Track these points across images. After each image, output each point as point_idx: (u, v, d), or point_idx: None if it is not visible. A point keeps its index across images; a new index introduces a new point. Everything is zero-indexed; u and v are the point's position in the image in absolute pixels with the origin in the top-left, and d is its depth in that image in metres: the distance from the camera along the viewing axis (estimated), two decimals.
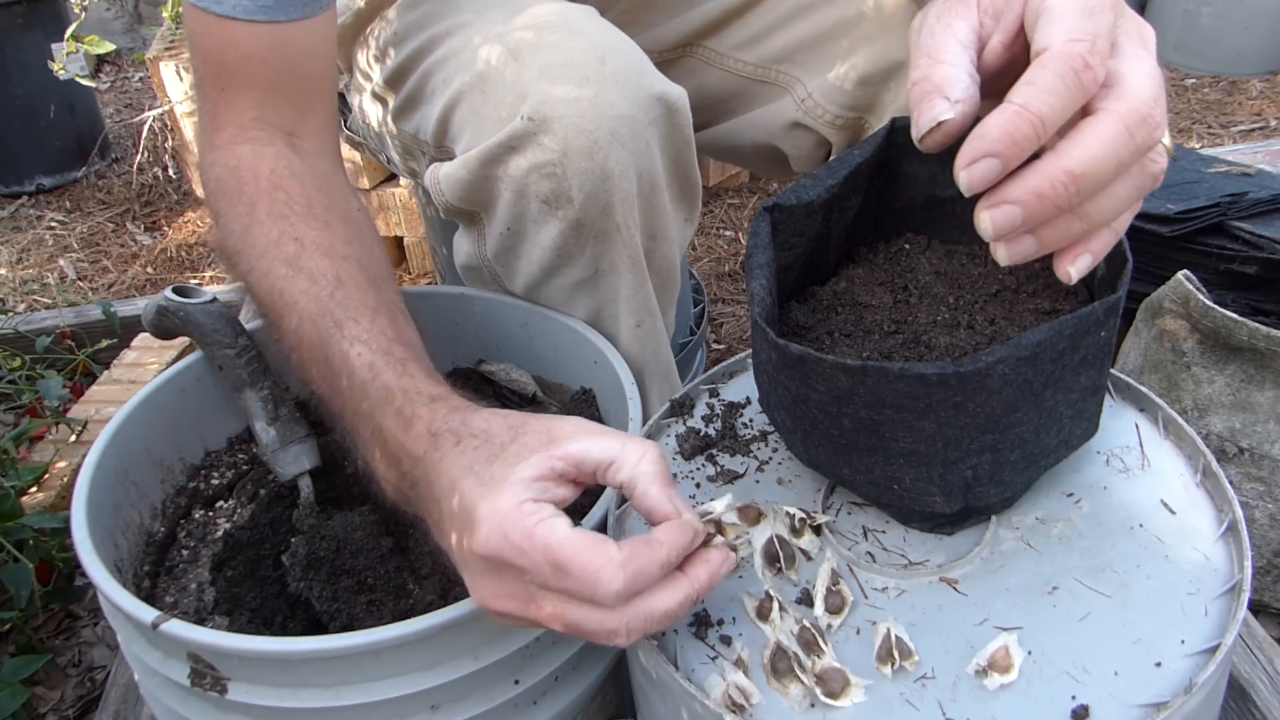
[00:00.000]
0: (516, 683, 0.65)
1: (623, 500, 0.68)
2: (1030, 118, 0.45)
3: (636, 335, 0.85)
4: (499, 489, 0.53)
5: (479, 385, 0.95)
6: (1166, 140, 0.48)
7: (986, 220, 0.47)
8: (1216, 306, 0.98)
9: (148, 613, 0.62)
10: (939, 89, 0.51)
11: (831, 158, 0.78)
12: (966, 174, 0.47)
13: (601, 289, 0.82)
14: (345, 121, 1.03)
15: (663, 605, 0.52)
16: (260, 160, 0.75)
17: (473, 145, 0.76)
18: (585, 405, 0.87)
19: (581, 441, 0.55)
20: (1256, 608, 1.05)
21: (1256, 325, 0.95)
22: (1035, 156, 0.48)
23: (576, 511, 0.60)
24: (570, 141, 0.72)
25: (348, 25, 0.93)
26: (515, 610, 0.54)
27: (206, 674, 0.63)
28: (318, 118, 0.80)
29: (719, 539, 0.56)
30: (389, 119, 0.94)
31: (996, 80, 0.54)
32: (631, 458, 0.55)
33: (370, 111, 0.96)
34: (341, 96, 1.01)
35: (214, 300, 0.86)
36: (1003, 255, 0.49)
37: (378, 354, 0.65)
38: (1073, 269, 0.49)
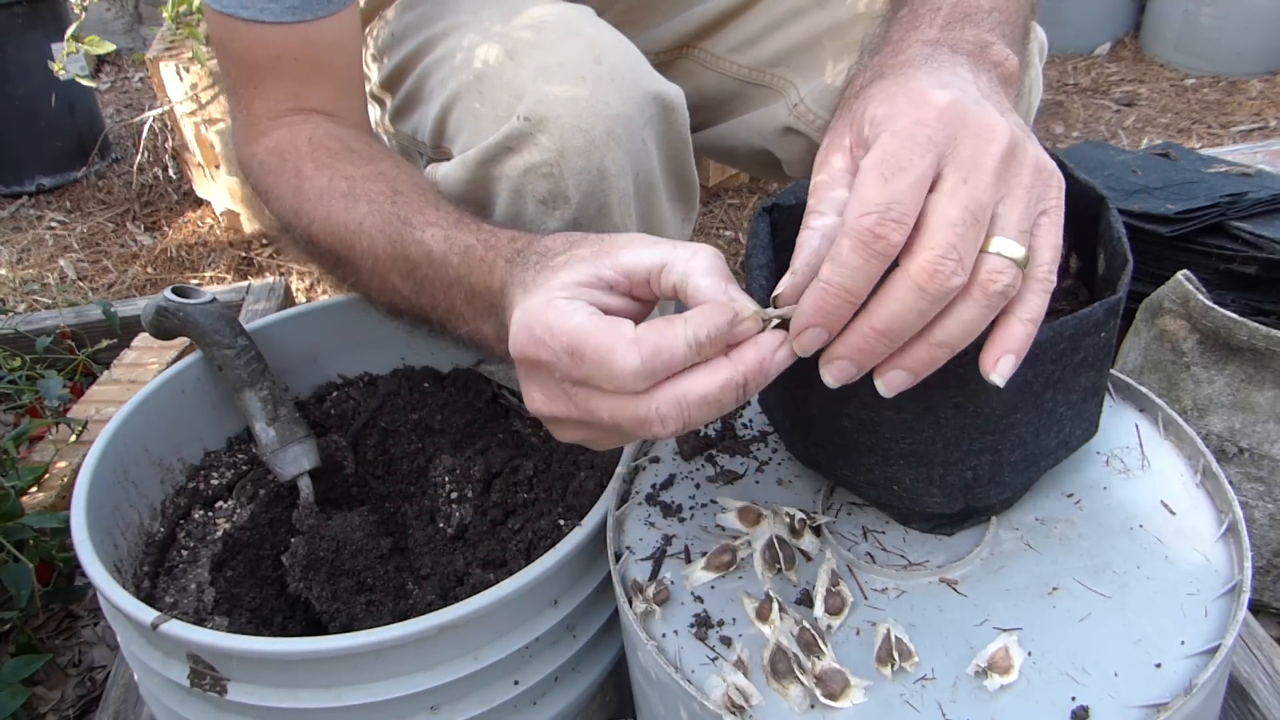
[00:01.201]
0: (516, 683, 0.65)
1: (621, 501, 0.68)
2: (836, 292, 0.48)
3: None
4: (536, 292, 0.53)
5: (478, 385, 0.95)
6: (1014, 253, 0.49)
7: (827, 375, 0.50)
8: (1216, 306, 0.98)
9: (147, 613, 0.62)
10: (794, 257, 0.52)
11: None
12: (798, 343, 0.50)
13: None
14: None
15: (699, 387, 0.49)
16: (298, 134, 0.77)
17: (470, 145, 0.76)
18: None
19: (633, 250, 0.54)
20: (1256, 608, 1.05)
21: (1256, 325, 0.95)
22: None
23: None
24: (567, 141, 0.72)
25: None
26: (560, 411, 0.53)
27: (206, 674, 0.63)
28: (351, 100, 0.82)
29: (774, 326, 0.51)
30: (386, 119, 0.94)
31: None
32: (682, 257, 0.53)
33: (369, 113, 0.96)
34: None
35: (213, 300, 0.86)
36: (882, 389, 0.51)
37: (450, 227, 0.65)
38: (995, 376, 0.50)
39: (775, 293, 0.52)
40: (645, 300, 0.55)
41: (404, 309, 0.70)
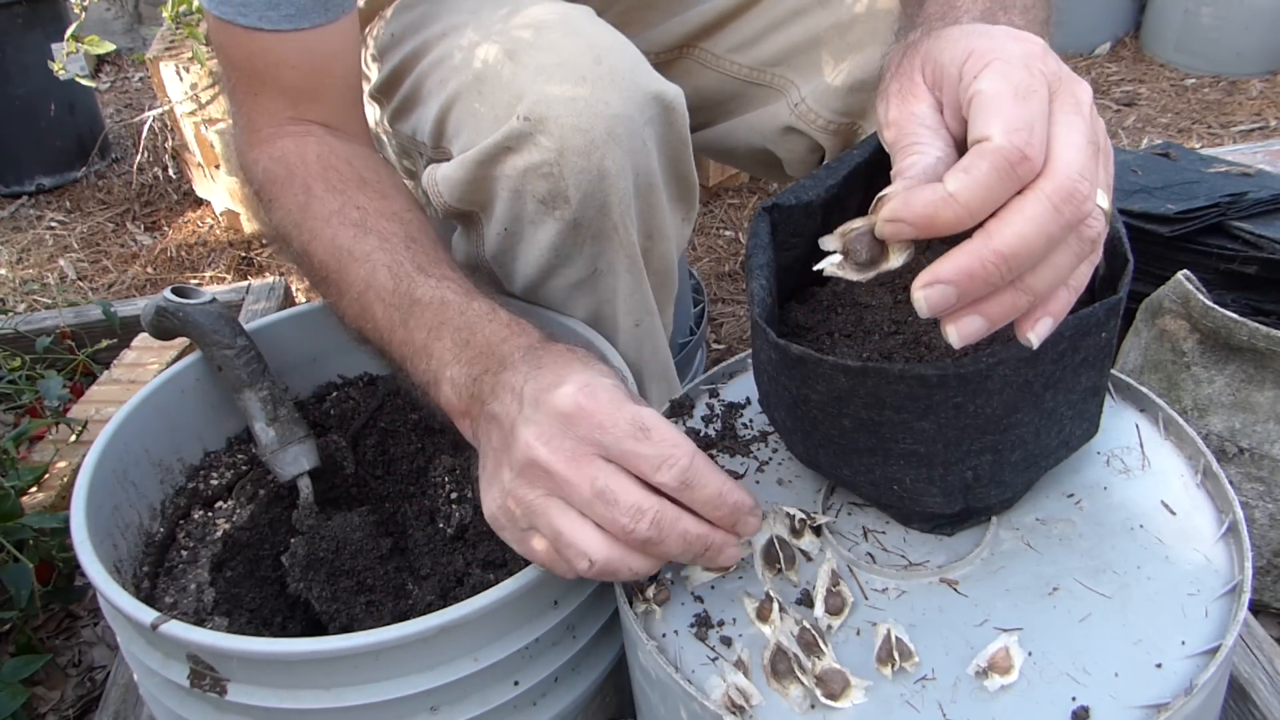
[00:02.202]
0: (516, 684, 0.65)
1: None
2: (956, 204, 0.46)
3: (635, 335, 0.85)
4: (600, 375, 0.57)
5: None
6: (1105, 204, 0.48)
7: (920, 299, 0.47)
8: (1216, 306, 0.98)
9: (147, 614, 0.62)
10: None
11: (825, 162, 0.78)
12: (886, 227, 0.48)
13: (599, 289, 0.82)
14: None
15: (695, 528, 0.54)
16: (305, 148, 0.77)
17: (469, 146, 0.76)
18: None
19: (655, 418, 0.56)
20: (1256, 608, 1.05)
21: (1256, 325, 0.95)
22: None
23: None
24: (567, 141, 0.71)
25: None
26: (554, 463, 0.54)
27: (206, 675, 0.62)
28: (351, 111, 0.83)
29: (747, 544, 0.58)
30: (386, 120, 0.94)
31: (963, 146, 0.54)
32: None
33: (368, 113, 0.96)
34: None
35: (213, 301, 0.86)
36: (953, 336, 0.48)
37: (467, 294, 0.68)
38: (1033, 335, 0.49)
39: (882, 193, 0.50)
40: None
41: (371, 337, 0.72)
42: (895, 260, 0.51)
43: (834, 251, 0.52)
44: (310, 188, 0.75)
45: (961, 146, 0.51)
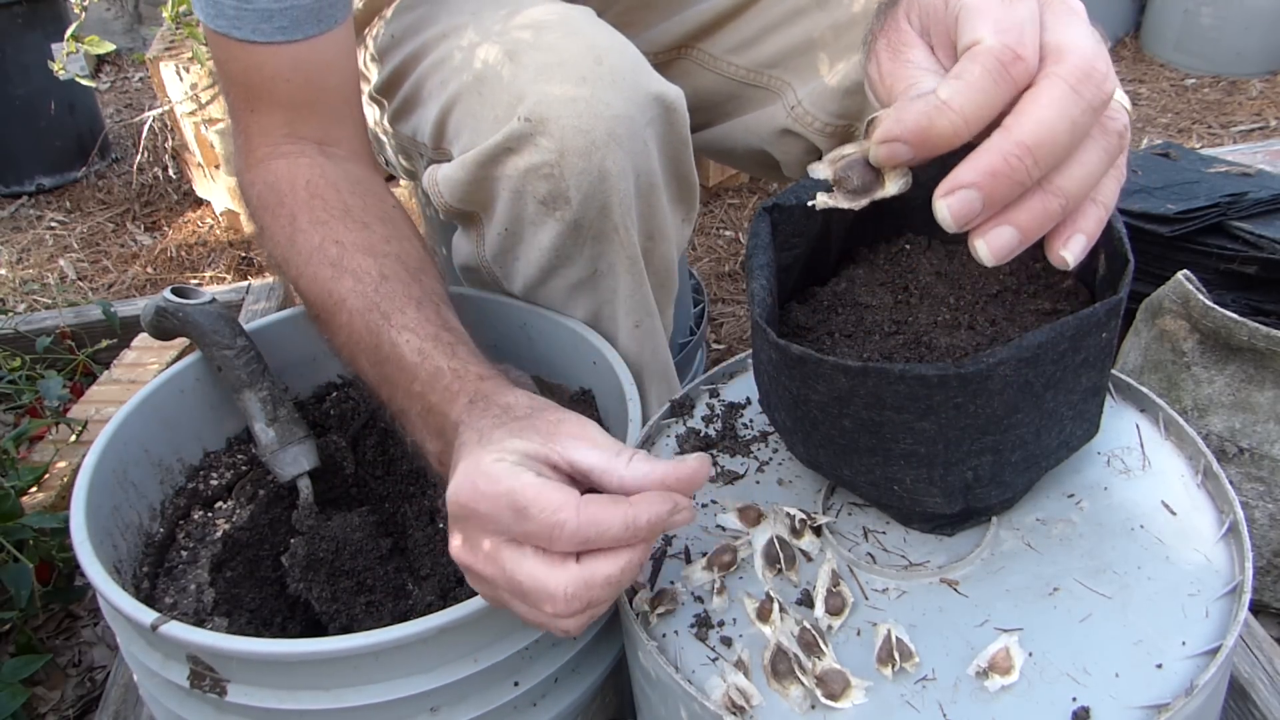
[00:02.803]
0: (516, 684, 0.65)
1: None
2: (950, 112, 0.43)
3: (635, 335, 0.85)
4: (488, 449, 0.54)
5: None
6: (1125, 100, 0.46)
7: (943, 208, 0.44)
8: (1216, 306, 0.98)
9: (147, 615, 0.62)
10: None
11: None
12: (875, 150, 0.46)
13: (600, 289, 0.82)
14: None
15: (603, 570, 0.51)
16: (296, 172, 0.77)
17: (470, 146, 0.76)
18: (584, 406, 0.87)
19: (580, 447, 0.55)
20: (1256, 608, 1.05)
21: (1256, 325, 0.95)
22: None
23: None
24: (567, 142, 0.71)
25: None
26: (478, 565, 0.54)
27: (206, 676, 0.62)
28: (346, 125, 0.82)
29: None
30: (386, 120, 0.94)
31: None
32: (618, 465, 0.55)
33: (367, 114, 0.96)
34: None
35: (212, 301, 0.86)
36: (984, 252, 0.45)
37: (426, 340, 0.67)
38: (1066, 252, 0.46)
39: (872, 116, 0.47)
40: (582, 488, 0.56)
41: (367, 387, 0.72)
42: (891, 187, 0.48)
43: (824, 180, 0.50)
44: (296, 219, 0.75)
45: None
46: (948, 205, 0.43)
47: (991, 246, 0.45)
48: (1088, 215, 0.46)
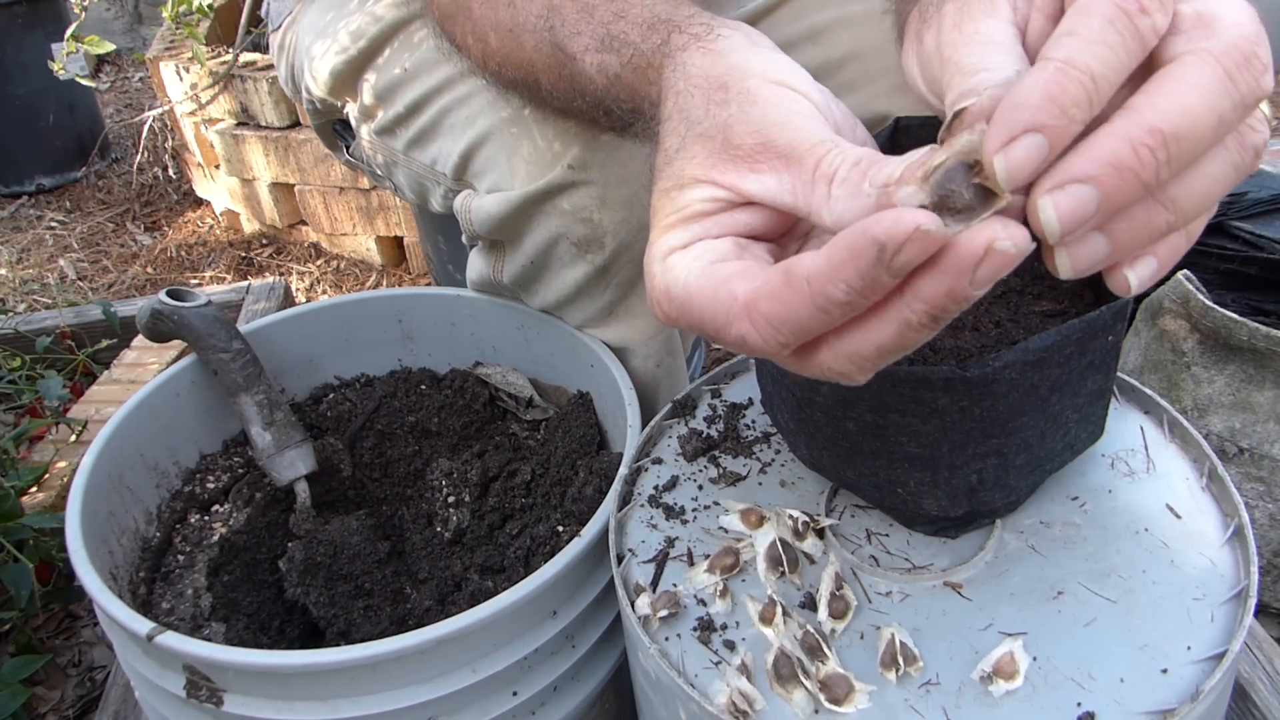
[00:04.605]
0: (514, 694, 0.65)
1: (623, 504, 0.68)
2: (1078, 76, 0.33)
3: (654, 374, 0.85)
4: (658, 223, 0.44)
5: (475, 387, 0.94)
6: (1266, 109, 0.38)
7: (1049, 209, 0.33)
8: (1216, 306, 0.98)
9: (143, 624, 0.61)
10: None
11: None
12: (1004, 158, 0.33)
13: (619, 328, 0.83)
14: (347, 148, 1.03)
15: (863, 348, 0.37)
16: None
17: (500, 185, 0.76)
18: (583, 409, 0.87)
19: (759, 174, 0.41)
20: (1257, 608, 1.04)
21: (1256, 325, 0.95)
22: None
23: None
24: (609, 191, 0.72)
25: (355, 58, 0.89)
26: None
27: (203, 685, 0.62)
28: None
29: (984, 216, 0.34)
30: (399, 147, 0.92)
31: None
32: (818, 200, 0.40)
33: (378, 140, 0.93)
34: (345, 123, 1.01)
35: (208, 304, 0.85)
36: (1066, 267, 0.35)
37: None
38: (1132, 275, 0.36)
39: (957, 109, 0.37)
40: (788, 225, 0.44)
41: (539, 60, 0.60)
42: (1007, 194, 0.34)
43: (920, 206, 0.34)
44: None
45: None
46: (1055, 205, 0.33)
47: (1077, 260, 0.35)
48: (1169, 240, 0.37)
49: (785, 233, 0.44)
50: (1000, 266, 0.32)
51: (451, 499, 0.83)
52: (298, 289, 2.01)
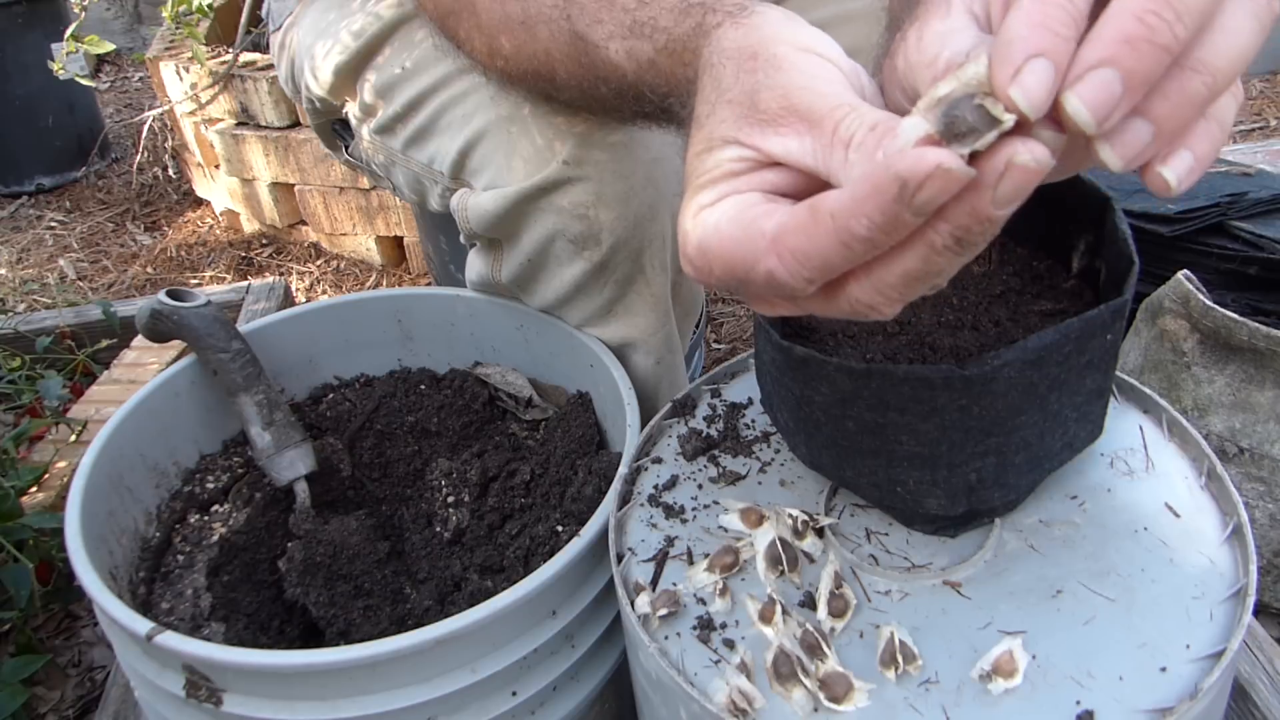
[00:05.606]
0: (514, 694, 0.65)
1: (623, 503, 0.68)
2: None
3: (655, 372, 0.85)
4: (691, 182, 0.45)
5: (474, 387, 0.94)
6: None
7: (1074, 101, 0.33)
8: (1216, 306, 0.98)
9: (142, 625, 0.61)
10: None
11: None
12: (1019, 89, 0.32)
13: (618, 325, 0.83)
14: (346, 148, 1.02)
15: (889, 277, 0.37)
16: None
17: (495, 183, 0.76)
18: (582, 409, 0.87)
19: (783, 135, 0.42)
20: (1257, 608, 1.05)
21: (1256, 325, 0.95)
22: None
23: None
24: (606, 188, 0.71)
25: (356, 56, 0.89)
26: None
27: (202, 685, 0.62)
28: None
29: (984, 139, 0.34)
30: (398, 146, 0.92)
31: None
32: (836, 162, 0.40)
33: (377, 139, 0.93)
34: (344, 123, 1.00)
35: (208, 304, 0.85)
36: (1112, 158, 0.34)
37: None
38: (1169, 171, 0.36)
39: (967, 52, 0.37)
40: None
41: (560, 46, 0.61)
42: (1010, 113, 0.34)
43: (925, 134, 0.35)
44: None
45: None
46: (1079, 96, 0.32)
47: (1124, 150, 0.34)
48: (1198, 133, 0.36)
49: (814, 195, 0.45)
50: (1021, 183, 0.33)
51: (451, 499, 0.83)
52: (298, 289, 2.01)
